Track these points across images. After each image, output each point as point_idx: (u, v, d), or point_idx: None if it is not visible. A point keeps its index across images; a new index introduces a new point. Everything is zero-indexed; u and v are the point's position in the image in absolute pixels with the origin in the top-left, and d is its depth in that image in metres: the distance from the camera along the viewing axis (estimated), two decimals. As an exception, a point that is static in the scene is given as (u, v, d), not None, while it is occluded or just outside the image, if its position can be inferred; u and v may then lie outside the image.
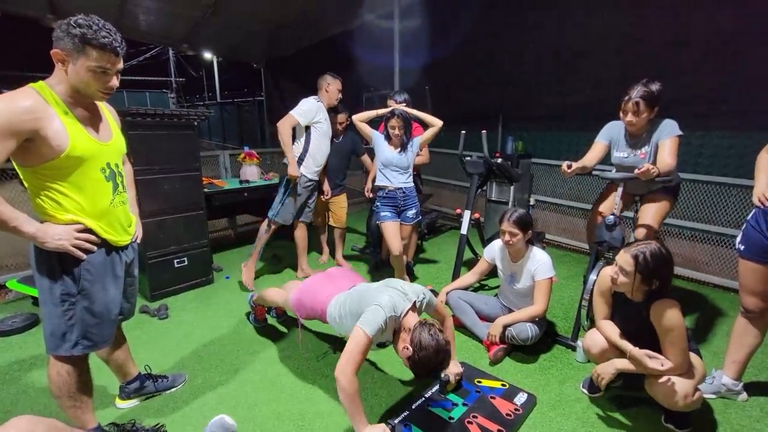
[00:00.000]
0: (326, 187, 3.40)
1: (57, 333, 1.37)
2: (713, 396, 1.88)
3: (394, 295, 1.68)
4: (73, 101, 1.30)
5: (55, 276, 1.34)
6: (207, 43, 8.46)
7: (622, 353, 1.70)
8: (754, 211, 1.73)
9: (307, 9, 5.71)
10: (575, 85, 3.91)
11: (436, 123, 2.81)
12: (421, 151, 3.04)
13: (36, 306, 2.75)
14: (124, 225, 1.51)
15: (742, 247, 1.75)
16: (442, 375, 1.91)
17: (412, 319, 1.64)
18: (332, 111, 3.24)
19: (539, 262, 2.22)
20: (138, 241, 1.64)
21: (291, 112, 2.95)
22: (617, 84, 2.18)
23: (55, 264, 1.33)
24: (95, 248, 1.38)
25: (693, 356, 1.67)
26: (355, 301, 1.77)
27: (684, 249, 3.37)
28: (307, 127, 3.02)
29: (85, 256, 1.35)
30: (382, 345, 1.79)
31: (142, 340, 2.43)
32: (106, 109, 1.47)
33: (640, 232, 2.27)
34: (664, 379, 1.58)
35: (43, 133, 1.20)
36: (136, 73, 18.04)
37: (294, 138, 3.05)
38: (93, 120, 1.37)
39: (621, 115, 2.20)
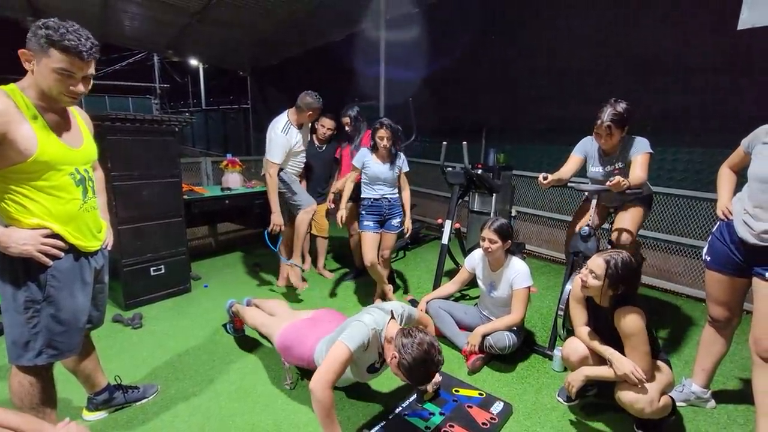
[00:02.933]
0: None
1: (20, 341, 1.32)
2: (683, 404, 1.92)
3: (374, 312, 1.71)
4: (44, 105, 1.28)
5: (18, 282, 1.30)
6: (193, 49, 8.44)
7: (602, 360, 1.73)
8: (718, 223, 1.80)
9: (294, 19, 5.75)
10: (557, 100, 4.03)
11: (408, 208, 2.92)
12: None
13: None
14: (94, 230, 1.47)
15: (708, 258, 1.82)
16: (420, 384, 1.91)
17: (393, 329, 1.65)
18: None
19: (517, 271, 2.25)
20: (108, 247, 1.60)
21: (268, 158, 2.88)
22: (597, 100, 2.25)
23: (19, 270, 1.29)
24: (62, 254, 1.34)
25: (661, 365, 1.72)
26: (338, 334, 1.74)
27: (658, 260, 3.47)
28: None
29: (51, 262, 1.32)
30: (373, 370, 1.78)
31: (114, 349, 2.35)
32: (78, 115, 1.45)
33: (617, 236, 2.31)
34: (628, 387, 1.62)
35: (11, 137, 1.18)
36: (119, 78, 17.79)
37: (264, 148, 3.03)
38: (63, 125, 1.35)
39: (594, 137, 2.28)
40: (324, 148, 3.44)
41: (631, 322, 1.61)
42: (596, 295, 1.71)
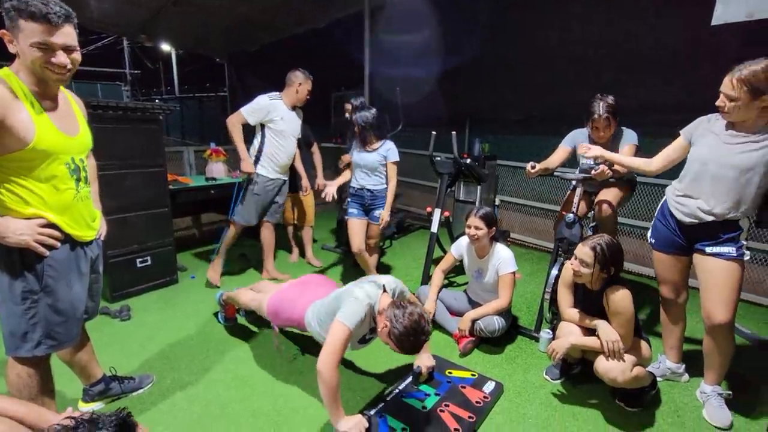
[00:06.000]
0: (305, 182, 3.36)
1: (17, 333, 1.30)
2: (660, 378, 2.06)
3: (367, 287, 1.73)
4: (40, 91, 1.25)
5: (15, 273, 1.27)
6: (167, 34, 8.10)
7: (591, 334, 1.84)
8: (660, 205, 1.94)
9: (275, 4, 5.61)
10: (540, 92, 4.11)
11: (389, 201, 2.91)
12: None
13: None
14: (88, 220, 1.46)
15: (653, 241, 1.96)
16: (415, 367, 1.98)
17: (385, 301, 1.69)
18: None
19: (502, 258, 2.33)
20: (102, 237, 1.58)
21: (241, 108, 2.87)
22: (579, 91, 2.33)
23: (17, 260, 1.26)
24: (58, 244, 1.32)
25: (641, 342, 1.84)
26: (332, 304, 1.79)
27: (634, 247, 3.64)
28: (263, 126, 2.93)
29: (48, 252, 1.30)
30: (363, 341, 1.82)
31: (103, 342, 2.30)
32: (73, 101, 1.42)
33: (599, 208, 2.40)
34: (604, 357, 1.76)
35: (9, 123, 1.14)
36: (86, 63, 16.87)
37: (253, 135, 3.00)
38: (60, 112, 1.32)
39: (591, 131, 2.36)
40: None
41: (620, 300, 1.72)
42: (588, 282, 1.81)
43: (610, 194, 2.43)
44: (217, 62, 9.91)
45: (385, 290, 1.76)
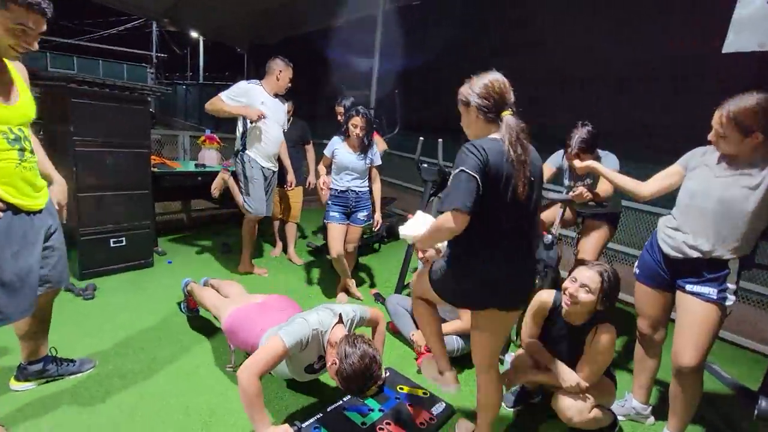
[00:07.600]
0: (291, 176, 3.30)
1: None
2: (623, 418, 1.93)
3: (322, 314, 1.67)
4: None
5: None
6: (190, 20, 8.19)
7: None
8: (650, 237, 1.82)
9: (294, 1, 5.62)
10: (533, 106, 4.00)
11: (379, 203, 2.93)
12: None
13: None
14: (34, 189, 1.42)
15: (637, 271, 1.85)
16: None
17: (338, 333, 1.62)
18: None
19: None
20: (61, 203, 1.58)
21: (219, 93, 2.83)
22: (568, 109, 2.23)
23: None
24: (1, 214, 1.30)
25: (606, 381, 1.73)
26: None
27: (622, 273, 3.46)
28: None
29: None
30: (312, 371, 1.75)
31: (60, 319, 2.23)
32: (13, 69, 1.37)
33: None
34: (564, 395, 1.67)
35: None
36: (115, 43, 17.36)
37: (234, 126, 2.95)
38: None
39: (567, 157, 2.27)
40: (287, 127, 3.17)
41: (607, 341, 1.62)
42: (580, 313, 1.67)
43: (589, 246, 2.40)
44: (239, 52, 10.01)
45: (341, 320, 1.69)
